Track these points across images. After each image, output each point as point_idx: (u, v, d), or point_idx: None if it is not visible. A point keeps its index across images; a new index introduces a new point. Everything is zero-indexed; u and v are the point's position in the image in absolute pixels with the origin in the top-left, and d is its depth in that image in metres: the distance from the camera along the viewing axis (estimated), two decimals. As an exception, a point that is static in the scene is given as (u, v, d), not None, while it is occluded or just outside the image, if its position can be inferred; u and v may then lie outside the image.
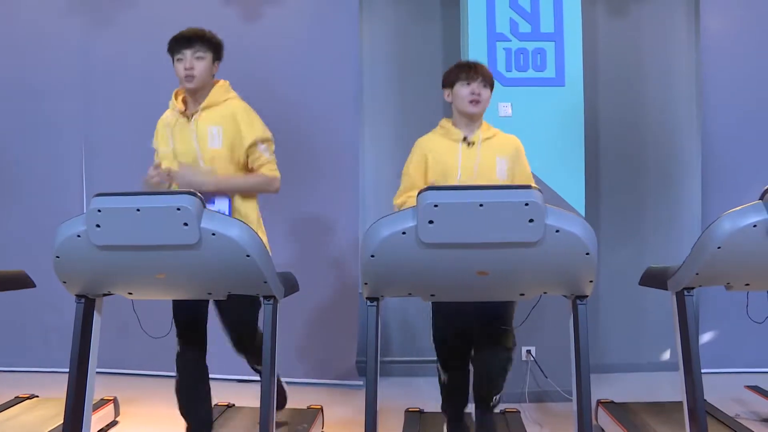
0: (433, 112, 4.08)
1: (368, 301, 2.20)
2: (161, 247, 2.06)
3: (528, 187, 1.96)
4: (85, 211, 2.07)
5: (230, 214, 2.56)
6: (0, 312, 4.17)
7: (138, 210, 2.01)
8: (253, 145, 2.67)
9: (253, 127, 2.68)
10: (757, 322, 2.72)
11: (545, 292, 2.20)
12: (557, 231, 1.96)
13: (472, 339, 2.71)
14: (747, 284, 2.37)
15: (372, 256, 2.02)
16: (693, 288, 2.35)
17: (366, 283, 2.13)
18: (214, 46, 2.69)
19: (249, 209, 2.68)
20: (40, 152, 4.40)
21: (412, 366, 4.34)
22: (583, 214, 3.82)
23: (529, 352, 3.85)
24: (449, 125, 2.80)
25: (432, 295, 2.24)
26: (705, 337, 4.34)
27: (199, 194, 2.05)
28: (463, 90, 2.73)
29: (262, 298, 2.26)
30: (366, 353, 2.21)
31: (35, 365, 4.38)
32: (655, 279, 2.55)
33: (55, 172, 4.40)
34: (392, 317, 4.40)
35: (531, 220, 1.93)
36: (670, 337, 4.35)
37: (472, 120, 2.77)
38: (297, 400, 3.65)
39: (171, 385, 2.72)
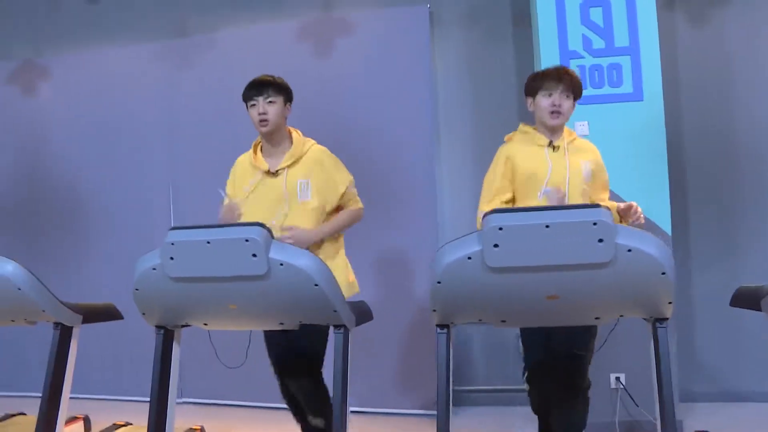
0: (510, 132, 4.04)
1: (438, 329, 2.16)
2: (232, 279, 2.10)
3: (596, 206, 1.88)
4: None
5: None
6: (96, 343, 4.38)
7: (208, 242, 2.07)
8: (348, 188, 2.84)
9: (342, 174, 2.83)
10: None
11: (622, 315, 2.10)
12: (629, 250, 1.87)
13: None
14: (503, 321, 2.19)
15: (438, 282, 1.99)
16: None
17: (434, 310, 2.10)
18: (283, 90, 2.82)
19: (336, 245, 2.82)
20: (129, 193, 4.65)
21: (498, 395, 4.24)
22: (669, 232, 3.65)
23: (618, 379, 3.68)
24: (532, 130, 2.73)
25: (503, 321, 2.18)
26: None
27: (267, 226, 2.09)
28: (544, 101, 2.67)
29: (332, 328, 2.27)
30: (438, 382, 2.16)
31: (130, 394, 4.57)
32: (747, 299, 2.39)
33: (144, 211, 4.62)
34: (475, 341, 4.31)
35: (600, 240, 1.85)
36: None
37: (554, 131, 2.71)
38: (369, 430, 3.65)
39: (259, 414, 2.79)
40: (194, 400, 4.40)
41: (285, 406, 2.92)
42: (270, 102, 2.76)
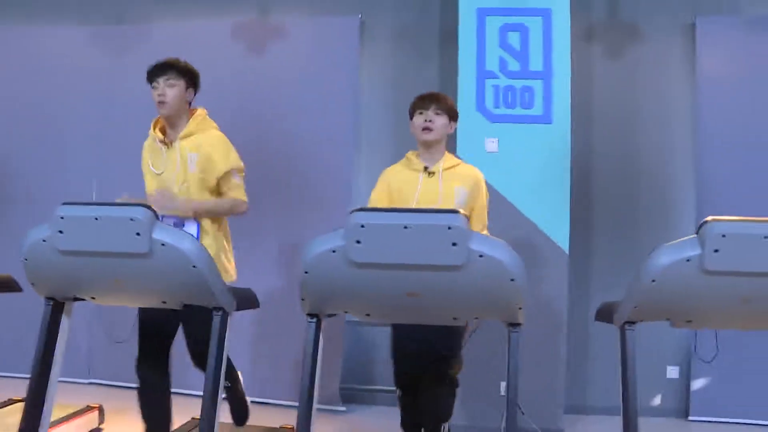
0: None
1: (308, 317, 2.30)
2: (116, 254, 2.21)
3: (454, 211, 2.04)
4: None
5: (198, 236, 2.79)
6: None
7: (96, 219, 2.18)
8: (228, 173, 2.87)
9: (228, 157, 2.88)
10: (705, 362, 2.72)
11: (477, 318, 2.27)
12: (481, 256, 2.03)
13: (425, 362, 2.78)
14: (689, 321, 2.39)
15: (306, 272, 2.13)
16: (635, 322, 2.38)
17: (303, 299, 2.23)
18: (186, 73, 2.88)
19: (217, 232, 2.88)
20: (53, 177, 4.69)
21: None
22: (566, 249, 3.88)
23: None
24: (413, 156, 2.92)
25: (367, 315, 2.33)
26: (697, 384, 4.26)
27: (152, 207, 2.20)
28: (417, 119, 2.86)
29: (213, 310, 2.38)
30: (303, 372, 2.28)
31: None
32: (605, 313, 2.58)
33: (65, 198, 4.64)
34: (379, 342, 4.45)
35: (454, 244, 2.02)
36: (662, 381, 4.36)
37: (430, 149, 2.86)
38: (274, 420, 3.76)
39: None
40: (102, 381, 4.46)
41: (188, 391, 3.02)
42: (170, 84, 2.82)
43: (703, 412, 4.24)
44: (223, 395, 2.88)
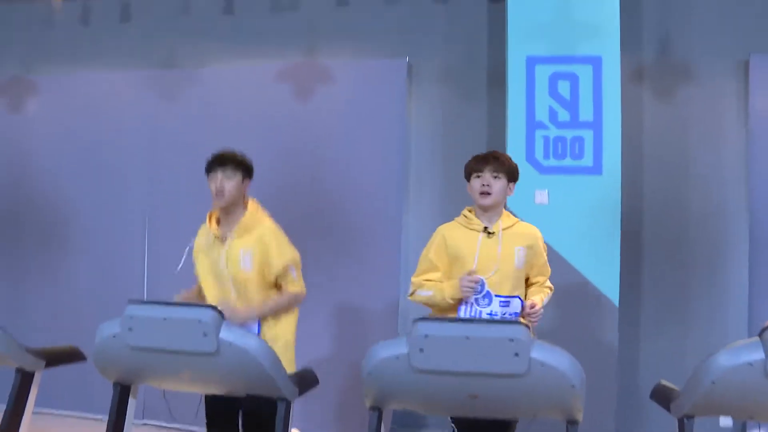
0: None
1: (370, 410, 2.35)
2: (184, 353, 2.29)
3: (516, 323, 2.08)
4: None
5: (259, 330, 2.86)
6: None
7: (165, 319, 2.27)
8: (285, 268, 2.91)
9: (284, 252, 2.91)
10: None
11: (535, 416, 2.30)
12: (542, 365, 2.06)
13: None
14: (750, 417, 2.38)
15: (369, 373, 2.19)
16: (694, 416, 2.38)
17: (366, 395, 2.29)
18: (243, 167, 2.94)
19: (279, 330, 2.92)
20: (106, 217, 4.78)
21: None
22: (616, 302, 3.86)
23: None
24: (471, 215, 2.87)
25: (428, 411, 2.37)
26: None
27: (219, 309, 2.28)
28: (475, 183, 2.81)
29: (277, 399, 2.46)
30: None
31: (97, 412, 4.71)
32: (661, 397, 2.58)
33: (119, 236, 4.77)
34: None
35: (516, 354, 2.05)
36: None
37: (488, 212, 2.83)
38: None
39: None
40: (154, 422, 4.58)
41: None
42: (228, 177, 2.87)
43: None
44: None
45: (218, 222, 2.98)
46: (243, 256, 2.86)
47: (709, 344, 4.20)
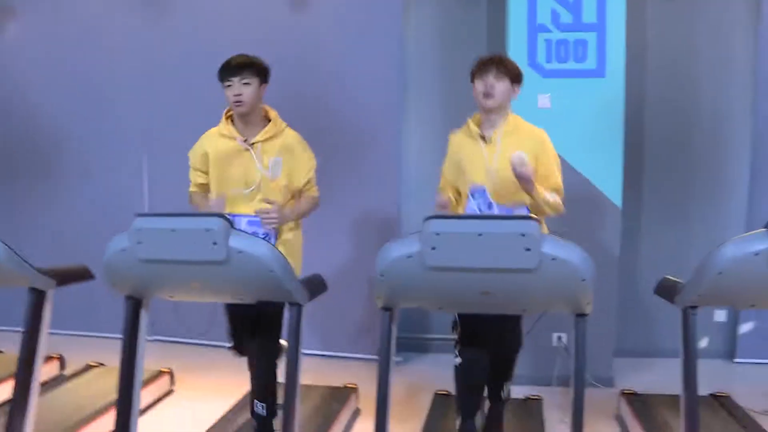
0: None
1: (382, 310, 2.38)
2: (194, 262, 2.29)
3: (527, 217, 2.08)
4: (146, 209, 2.35)
5: (276, 231, 2.90)
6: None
7: (173, 230, 2.25)
8: (310, 176, 2.96)
9: (309, 161, 2.95)
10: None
11: (546, 311, 2.33)
12: (553, 259, 2.07)
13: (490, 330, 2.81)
14: (752, 305, 2.43)
15: (381, 275, 2.19)
16: (697, 306, 2.42)
17: (378, 297, 2.31)
18: (260, 71, 2.86)
19: (292, 235, 2.95)
20: (104, 144, 4.76)
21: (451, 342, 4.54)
22: (619, 204, 3.87)
23: (560, 338, 3.98)
24: (471, 123, 2.84)
25: (440, 308, 2.40)
26: (745, 327, 4.34)
27: (227, 216, 2.26)
28: (478, 85, 2.76)
29: (287, 304, 2.48)
30: (380, 356, 2.38)
31: (106, 331, 4.80)
32: (666, 292, 2.61)
33: (117, 163, 4.76)
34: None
35: (528, 249, 2.05)
36: (710, 325, 4.43)
37: (491, 115, 2.78)
38: (339, 374, 3.93)
39: (223, 355, 2.98)
40: (163, 338, 4.67)
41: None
42: (246, 83, 2.80)
43: (749, 354, 4.34)
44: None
45: (233, 124, 2.93)
46: (272, 164, 2.86)
47: (708, 244, 4.26)
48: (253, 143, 2.87)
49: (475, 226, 2.06)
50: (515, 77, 2.79)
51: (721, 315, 4.47)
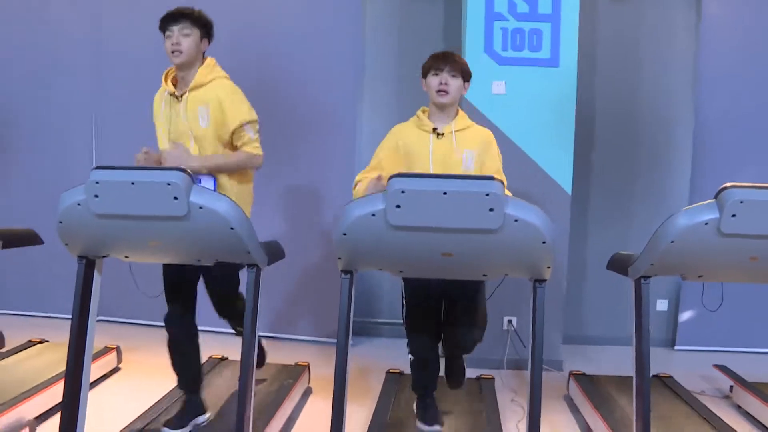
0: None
1: (342, 274, 2.37)
2: (154, 218, 2.24)
3: (490, 178, 2.10)
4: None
5: (214, 190, 2.77)
6: (15, 260, 4.41)
7: (133, 183, 2.20)
8: (239, 127, 2.80)
9: (240, 110, 2.80)
10: (710, 311, 2.90)
11: (506, 275, 2.37)
12: (516, 220, 2.11)
13: (440, 320, 2.87)
14: (700, 276, 2.53)
15: (344, 234, 2.19)
16: (650, 276, 2.50)
17: (339, 258, 2.30)
18: (201, 23, 2.80)
19: (234, 186, 2.85)
20: (53, 112, 4.63)
21: (401, 327, 4.55)
22: (569, 191, 3.97)
23: (510, 321, 4.05)
24: (423, 116, 2.87)
25: (401, 272, 2.41)
26: (684, 316, 4.51)
27: (188, 171, 2.22)
28: (432, 80, 2.79)
29: (246, 266, 2.45)
30: (339, 323, 2.38)
31: (48, 311, 4.67)
32: (618, 265, 2.70)
33: (66, 137, 4.65)
34: (384, 278, 4.57)
35: (491, 209, 2.08)
36: (652, 313, 4.58)
37: (444, 110, 2.82)
38: (287, 356, 3.90)
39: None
40: (110, 318, 4.55)
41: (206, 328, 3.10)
42: (185, 34, 2.74)
43: (688, 341, 4.51)
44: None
45: (174, 82, 2.87)
46: (201, 112, 2.77)
47: (649, 233, 4.43)
48: (180, 95, 2.80)
49: (440, 184, 2.09)
50: (466, 75, 2.86)
51: (662, 305, 4.64)
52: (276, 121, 4.23)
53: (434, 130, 2.82)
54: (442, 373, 3.01)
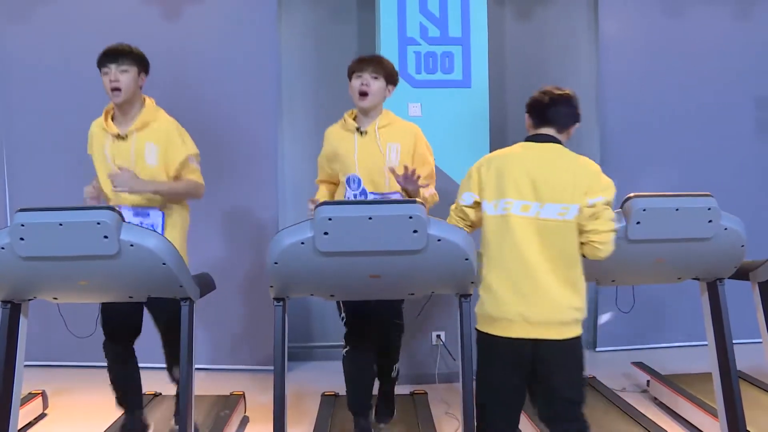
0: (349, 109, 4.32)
1: (275, 301, 2.43)
2: (83, 258, 2.24)
3: (413, 201, 2.22)
4: (8, 221, 2.24)
5: (163, 224, 2.85)
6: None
7: (60, 224, 2.19)
8: (185, 159, 2.89)
9: (186, 144, 2.91)
10: (624, 312, 3.11)
11: (433, 292, 2.48)
12: (439, 240, 2.23)
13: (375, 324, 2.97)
14: (613, 280, 2.73)
15: (275, 263, 2.25)
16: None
17: (272, 286, 2.36)
18: (139, 60, 2.85)
19: (180, 219, 2.92)
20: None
21: (333, 350, 4.60)
22: (488, 208, 4.13)
23: (438, 336, 4.17)
24: (348, 117, 2.98)
25: (332, 296, 2.49)
26: (603, 318, 4.75)
27: (117, 209, 2.24)
28: (355, 82, 2.88)
29: (180, 300, 2.47)
30: (275, 348, 2.44)
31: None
32: None
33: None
34: (315, 302, 4.62)
35: (415, 231, 2.19)
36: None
37: (367, 114, 2.92)
38: (222, 385, 3.89)
39: (98, 375, 2.90)
40: (33, 363, 4.39)
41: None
42: (123, 71, 2.79)
43: (607, 342, 4.76)
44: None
45: (112, 118, 2.89)
46: (148, 149, 2.82)
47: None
48: (126, 134, 2.84)
49: (365, 210, 2.18)
50: (390, 77, 2.95)
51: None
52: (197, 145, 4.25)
53: (358, 129, 2.92)
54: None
